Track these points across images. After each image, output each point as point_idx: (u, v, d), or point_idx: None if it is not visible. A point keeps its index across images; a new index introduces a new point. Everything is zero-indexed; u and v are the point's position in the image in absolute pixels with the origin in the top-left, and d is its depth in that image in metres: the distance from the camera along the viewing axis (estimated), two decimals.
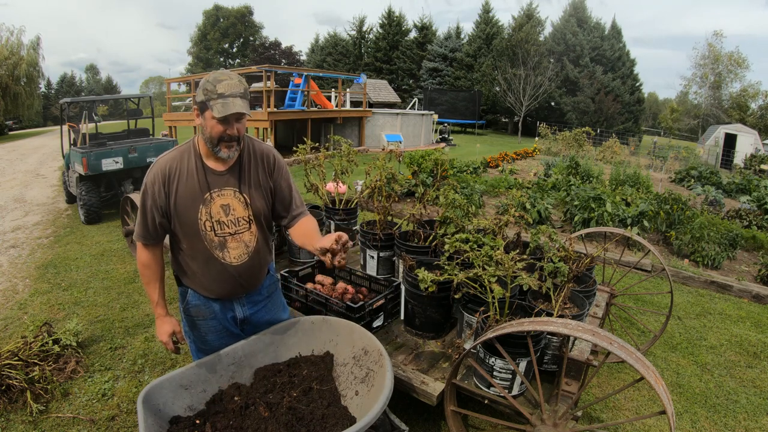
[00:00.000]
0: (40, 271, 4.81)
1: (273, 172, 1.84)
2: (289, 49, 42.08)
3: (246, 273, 1.84)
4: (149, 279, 1.83)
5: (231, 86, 1.56)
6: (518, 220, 3.01)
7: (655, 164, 15.01)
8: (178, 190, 1.68)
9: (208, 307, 1.88)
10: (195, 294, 1.87)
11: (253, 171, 1.78)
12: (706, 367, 3.28)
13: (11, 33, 23.49)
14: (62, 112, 7.81)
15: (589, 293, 2.51)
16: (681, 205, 6.15)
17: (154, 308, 1.85)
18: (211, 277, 1.80)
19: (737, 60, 31.18)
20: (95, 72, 60.55)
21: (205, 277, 1.81)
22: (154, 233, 1.76)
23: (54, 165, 12.78)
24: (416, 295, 2.46)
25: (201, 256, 1.76)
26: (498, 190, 8.41)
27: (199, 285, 1.84)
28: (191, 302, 1.88)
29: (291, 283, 2.79)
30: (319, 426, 1.65)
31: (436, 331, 2.55)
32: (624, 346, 1.58)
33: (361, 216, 5.49)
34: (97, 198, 6.67)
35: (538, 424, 1.80)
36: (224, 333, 1.95)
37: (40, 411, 2.58)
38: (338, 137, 4.16)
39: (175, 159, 1.71)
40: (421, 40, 36.57)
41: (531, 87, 25.30)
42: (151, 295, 1.84)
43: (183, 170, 1.69)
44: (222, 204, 1.72)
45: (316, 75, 16.32)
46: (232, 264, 1.79)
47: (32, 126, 35.60)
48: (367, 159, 4.72)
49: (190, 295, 1.88)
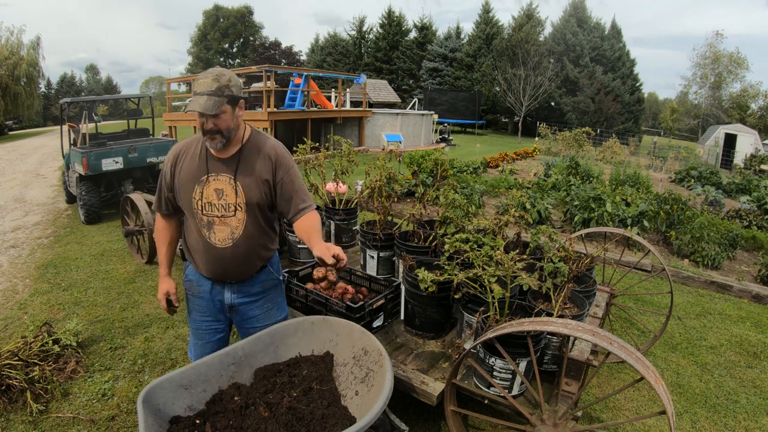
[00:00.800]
0: (40, 271, 4.81)
1: (276, 167, 1.90)
2: (289, 49, 42.09)
3: (230, 258, 1.90)
4: (160, 242, 2.06)
5: (203, 84, 1.70)
6: (518, 220, 3.01)
7: (655, 164, 15.01)
8: (182, 169, 1.87)
9: (200, 285, 2.00)
10: (193, 270, 2.02)
11: (252, 163, 1.87)
12: (706, 367, 3.28)
13: (11, 33, 23.53)
14: (62, 112, 7.81)
15: (589, 293, 2.51)
16: (681, 205, 6.15)
17: (160, 269, 2.06)
18: (199, 254, 1.94)
19: (737, 60, 31.18)
20: (95, 72, 60.58)
21: (196, 254, 1.96)
22: (166, 206, 1.99)
23: (54, 165, 12.78)
24: (416, 295, 2.46)
25: (194, 232, 1.93)
26: (498, 190, 8.41)
27: (194, 260, 1.99)
28: (188, 276, 2.04)
29: (291, 283, 2.79)
30: (319, 426, 1.65)
31: (436, 331, 2.55)
32: (624, 346, 1.58)
33: (361, 216, 5.49)
34: (97, 198, 6.67)
35: (538, 424, 1.80)
36: (208, 314, 2.04)
37: (40, 411, 2.58)
38: (338, 137, 4.16)
39: (187, 143, 1.92)
40: (421, 40, 36.58)
41: (531, 87, 25.31)
42: (160, 256, 2.07)
43: (190, 153, 1.89)
44: (216, 188, 1.85)
45: (316, 75, 16.32)
46: (216, 246, 1.89)
47: (32, 126, 35.60)
48: (367, 159, 4.72)
49: (189, 269, 2.04)
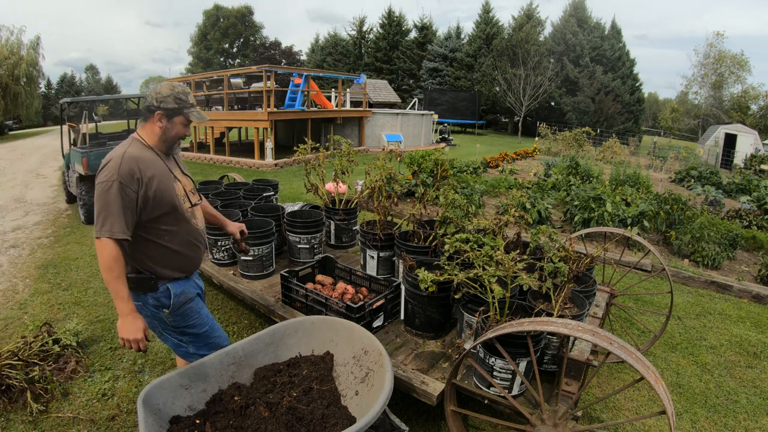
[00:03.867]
0: (40, 271, 4.81)
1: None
2: (289, 49, 42.09)
3: (204, 235, 2.18)
4: (120, 273, 1.77)
5: (191, 96, 1.96)
6: (518, 220, 3.01)
7: (655, 164, 15.01)
8: (155, 177, 1.88)
9: (189, 285, 2.08)
10: (175, 283, 2.00)
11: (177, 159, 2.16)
12: (706, 367, 3.28)
13: (11, 33, 23.53)
14: (62, 112, 7.82)
15: (589, 293, 2.51)
16: (681, 205, 6.14)
17: (124, 304, 1.77)
18: (188, 245, 2.03)
19: (740, 62, 31.16)
20: (95, 72, 60.52)
21: (184, 249, 2.01)
22: (131, 225, 1.82)
23: (54, 165, 12.78)
24: (416, 295, 2.46)
25: (182, 227, 2.00)
26: (498, 190, 8.41)
27: (178, 267, 2.00)
28: (175, 293, 1.99)
29: (291, 283, 2.79)
30: (319, 426, 1.65)
31: (435, 331, 2.55)
32: (624, 346, 1.58)
33: (361, 216, 5.49)
34: None
35: (538, 424, 1.80)
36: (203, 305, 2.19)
37: (40, 411, 2.58)
38: (338, 137, 4.16)
39: (136, 155, 1.86)
40: (421, 40, 36.57)
41: (531, 87, 25.31)
42: (121, 290, 1.77)
43: (150, 161, 1.90)
44: (183, 182, 2.08)
45: (316, 75, 16.31)
46: (199, 228, 2.12)
47: (32, 126, 35.56)
48: (367, 159, 4.72)
49: (173, 287, 1.99)
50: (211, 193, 4.49)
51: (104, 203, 1.75)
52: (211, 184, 5.12)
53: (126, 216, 1.77)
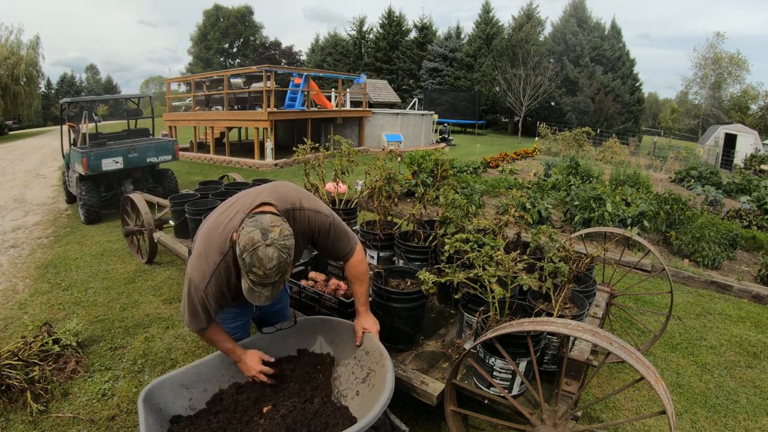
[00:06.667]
0: (40, 271, 4.81)
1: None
2: (289, 49, 42.10)
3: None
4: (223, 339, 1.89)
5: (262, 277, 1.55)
6: (518, 220, 3.01)
7: (655, 164, 15.01)
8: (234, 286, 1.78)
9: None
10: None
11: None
12: (706, 367, 3.28)
13: (10, 32, 23.53)
14: (62, 112, 7.81)
15: (589, 293, 2.51)
16: (681, 206, 6.14)
17: (235, 354, 1.89)
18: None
19: (738, 62, 31.17)
20: (95, 72, 60.53)
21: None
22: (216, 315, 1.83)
23: (54, 165, 12.78)
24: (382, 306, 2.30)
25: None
26: (498, 190, 8.41)
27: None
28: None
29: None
30: (320, 426, 1.65)
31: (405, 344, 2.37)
32: (624, 346, 1.58)
33: (361, 216, 5.49)
34: (97, 198, 6.67)
35: (538, 424, 1.80)
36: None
37: (40, 411, 2.58)
38: (338, 137, 4.16)
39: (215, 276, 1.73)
40: (421, 40, 36.56)
41: (531, 87, 25.30)
42: (227, 347, 1.89)
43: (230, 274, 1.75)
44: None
45: (316, 75, 16.31)
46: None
47: (32, 126, 35.55)
48: (367, 159, 4.72)
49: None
50: (211, 193, 4.49)
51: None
52: (211, 184, 5.12)
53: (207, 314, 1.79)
